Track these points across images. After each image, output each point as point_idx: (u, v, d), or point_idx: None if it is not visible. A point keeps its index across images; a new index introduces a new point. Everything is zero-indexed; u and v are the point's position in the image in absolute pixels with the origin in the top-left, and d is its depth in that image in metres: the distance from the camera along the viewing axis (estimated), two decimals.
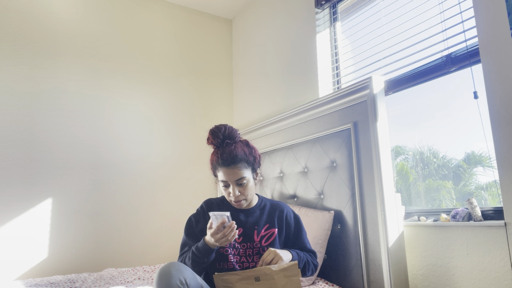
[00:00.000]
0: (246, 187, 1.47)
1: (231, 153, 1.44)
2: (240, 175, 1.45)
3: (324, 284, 1.88)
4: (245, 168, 1.46)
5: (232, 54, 3.54)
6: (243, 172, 1.45)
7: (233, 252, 1.48)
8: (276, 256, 1.38)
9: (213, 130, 1.50)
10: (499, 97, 1.51)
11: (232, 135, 1.50)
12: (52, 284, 2.01)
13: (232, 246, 1.49)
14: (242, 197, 1.48)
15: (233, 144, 1.48)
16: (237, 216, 1.54)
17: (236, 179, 1.45)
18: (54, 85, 2.62)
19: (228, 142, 1.48)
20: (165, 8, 3.21)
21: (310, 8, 2.62)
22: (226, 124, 1.52)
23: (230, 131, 1.50)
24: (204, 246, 1.39)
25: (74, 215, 2.56)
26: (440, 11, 1.86)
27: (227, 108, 3.42)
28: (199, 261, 1.40)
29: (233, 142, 1.49)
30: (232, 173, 1.44)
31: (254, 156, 1.51)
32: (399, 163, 2.14)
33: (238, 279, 1.33)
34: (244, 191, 1.47)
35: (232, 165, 1.43)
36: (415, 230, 1.82)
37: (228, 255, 1.47)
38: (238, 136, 1.53)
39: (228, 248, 1.48)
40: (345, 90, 2.05)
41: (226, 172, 1.44)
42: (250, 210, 1.56)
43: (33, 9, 2.62)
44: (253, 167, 1.51)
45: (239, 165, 1.44)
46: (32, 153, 2.48)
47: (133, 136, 2.88)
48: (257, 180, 1.56)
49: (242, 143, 1.52)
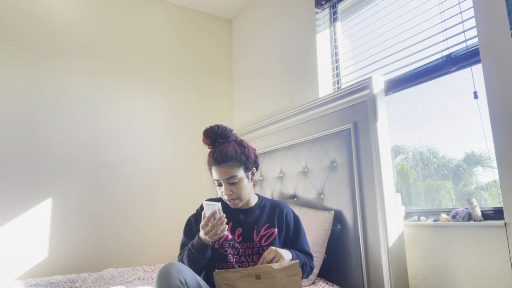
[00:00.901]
0: (239, 186, 1.47)
1: (222, 151, 1.46)
2: (231, 174, 1.45)
3: (324, 284, 1.88)
4: (236, 167, 1.47)
5: (232, 54, 3.54)
6: (234, 171, 1.46)
7: (232, 252, 1.48)
8: (278, 255, 1.38)
9: (206, 130, 1.53)
10: (499, 97, 1.51)
11: (224, 135, 1.51)
12: (52, 284, 2.01)
13: (232, 246, 1.49)
14: (234, 196, 1.48)
15: (225, 143, 1.50)
16: (236, 216, 1.54)
17: (227, 177, 1.46)
18: (54, 85, 2.62)
19: (220, 141, 1.50)
20: (165, 8, 3.21)
21: (310, 8, 2.62)
22: (220, 124, 1.54)
23: (222, 131, 1.51)
24: (199, 242, 1.40)
25: (74, 215, 2.56)
26: (440, 11, 1.86)
27: (227, 108, 3.42)
28: (195, 258, 1.40)
29: (225, 141, 1.51)
30: (223, 172, 1.45)
31: (246, 155, 1.51)
32: (399, 163, 2.14)
33: (238, 277, 1.33)
34: (237, 190, 1.47)
35: (222, 164, 1.45)
36: (415, 230, 1.82)
37: (228, 255, 1.47)
38: (232, 136, 1.54)
39: (228, 248, 1.47)
40: (345, 90, 2.05)
41: (217, 170, 1.46)
42: (249, 209, 1.56)
43: (33, 9, 2.62)
44: (246, 166, 1.51)
45: (229, 164, 1.45)
46: (32, 153, 2.48)
47: (133, 136, 2.88)
48: (253, 180, 1.56)
49: (235, 142, 1.53)
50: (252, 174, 1.55)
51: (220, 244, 1.48)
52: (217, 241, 1.49)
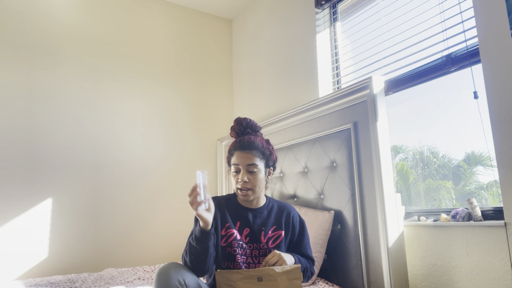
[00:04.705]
0: (256, 177, 1.48)
1: (249, 139, 1.51)
2: (253, 161, 1.48)
3: (324, 284, 1.88)
4: (259, 158, 1.50)
5: (232, 54, 3.54)
6: (256, 160, 1.49)
7: (240, 252, 1.48)
8: (281, 259, 1.38)
9: (238, 118, 1.59)
10: (499, 97, 1.51)
11: (254, 127, 1.59)
12: (52, 284, 2.01)
13: (240, 246, 1.48)
14: (249, 185, 1.48)
15: (253, 134, 1.57)
16: (245, 215, 1.53)
17: (248, 163, 1.47)
18: (54, 85, 2.62)
19: (249, 131, 1.57)
20: (165, 8, 3.21)
21: (310, 8, 2.61)
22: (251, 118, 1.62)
23: (253, 123, 1.60)
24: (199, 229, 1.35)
25: (74, 215, 2.56)
26: (440, 11, 1.86)
27: (227, 108, 3.42)
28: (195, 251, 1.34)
29: (254, 133, 1.58)
30: (246, 157, 1.48)
31: (270, 151, 1.56)
32: (399, 163, 2.14)
33: (240, 278, 1.33)
34: (253, 180, 1.48)
35: (247, 150, 1.49)
36: (415, 230, 1.82)
37: (236, 255, 1.46)
38: (259, 131, 1.61)
39: (236, 248, 1.47)
40: (345, 90, 2.05)
41: (240, 155, 1.49)
42: (258, 209, 1.56)
43: (33, 9, 2.62)
44: (267, 162, 1.54)
45: (254, 152, 1.49)
46: (32, 153, 2.48)
47: (133, 136, 2.88)
48: (268, 178, 1.58)
49: (262, 137, 1.60)
50: (269, 172, 1.57)
51: (229, 243, 1.47)
52: (225, 240, 1.47)
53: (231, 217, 1.52)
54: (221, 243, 1.47)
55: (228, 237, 1.48)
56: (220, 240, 1.47)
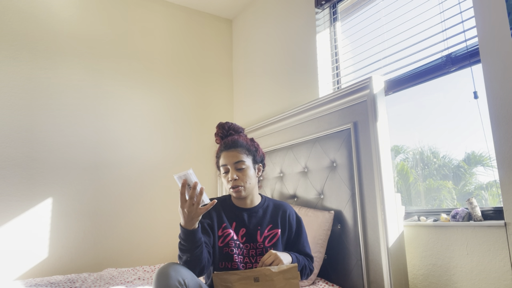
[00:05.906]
0: (245, 173, 1.50)
1: (233, 139, 1.54)
2: (239, 158, 1.49)
3: (324, 284, 1.88)
4: (245, 154, 1.52)
5: (232, 54, 3.54)
6: (242, 156, 1.51)
7: (238, 252, 1.48)
8: (277, 259, 1.37)
9: (220, 123, 1.63)
10: (499, 97, 1.51)
11: (236, 129, 1.62)
12: (52, 284, 2.01)
13: (237, 246, 1.48)
14: (240, 183, 1.48)
15: (236, 134, 1.59)
16: (240, 216, 1.54)
17: (235, 161, 1.49)
18: (54, 85, 2.62)
19: (232, 133, 1.60)
20: (165, 8, 3.21)
21: (310, 8, 2.61)
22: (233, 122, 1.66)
23: (235, 125, 1.63)
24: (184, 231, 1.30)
25: (74, 215, 2.56)
26: (440, 11, 1.86)
27: (227, 108, 3.42)
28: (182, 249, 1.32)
29: (237, 133, 1.60)
30: (231, 156, 1.50)
31: (256, 147, 1.59)
32: (399, 163, 2.14)
33: (237, 279, 1.33)
34: (243, 177, 1.49)
35: (232, 148, 1.51)
36: (415, 230, 1.82)
37: (233, 255, 1.46)
38: (242, 132, 1.64)
39: (234, 248, 1.47)
40: (345, 90, 2.05)
41: (226, 155, 1.51)
42: (253, 209, 1.56)
43: (33, 9, 2.62)
44: (254, 158, 1.56)
45: (239, 149, 1.51)
46: (32, 153, 2.48)
47: (133, 136, 2.88)
48: (258, 175, 1.59)
49: (246, 136, 1.62)
50: (258, 169, 1.58)
51: (226, 243, 1.47)
52: (222, 240, 1.47)
53: (227, 218, 1.53)
54: (218, 244, 1.47)
55: (225, 237, 1.48)
56: (217, 241, 1.48)
